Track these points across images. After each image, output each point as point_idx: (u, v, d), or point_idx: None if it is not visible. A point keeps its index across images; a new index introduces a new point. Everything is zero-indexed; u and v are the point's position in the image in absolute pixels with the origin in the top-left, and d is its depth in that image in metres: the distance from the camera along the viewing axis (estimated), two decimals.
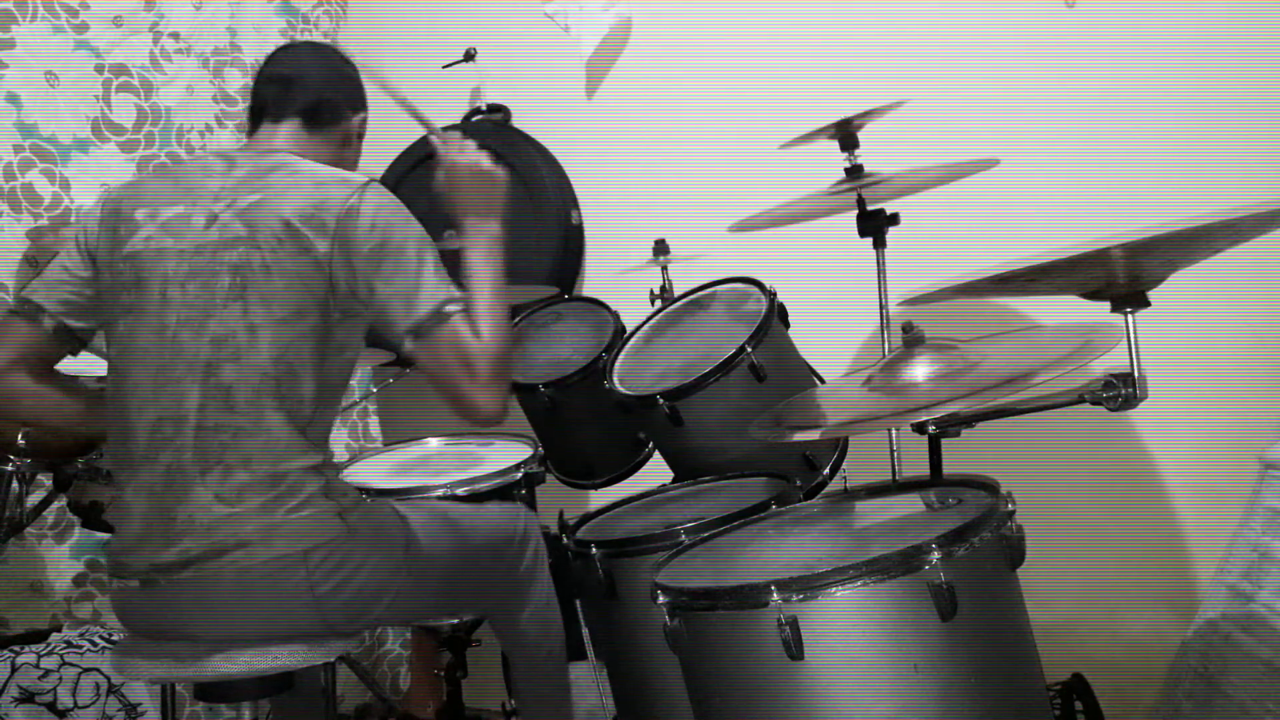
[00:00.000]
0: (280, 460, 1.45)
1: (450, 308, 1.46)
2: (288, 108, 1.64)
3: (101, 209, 1.59)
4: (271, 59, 1.73)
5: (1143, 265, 1.36)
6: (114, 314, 1.54)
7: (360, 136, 1.74)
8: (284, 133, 1.63)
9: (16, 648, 1.97)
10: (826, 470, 2.07)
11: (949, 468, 1.66)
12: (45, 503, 2.06)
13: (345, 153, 1.71)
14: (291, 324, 1.46)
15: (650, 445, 2.32)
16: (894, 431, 1.85)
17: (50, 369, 1.62)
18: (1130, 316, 1.38)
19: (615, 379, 2.12)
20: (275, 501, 1.44)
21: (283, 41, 2.79)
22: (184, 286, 1.48)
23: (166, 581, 1.45)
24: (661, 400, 1.94)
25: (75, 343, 1.61)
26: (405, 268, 1.47)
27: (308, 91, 1.65)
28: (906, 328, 1.58)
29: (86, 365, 1.74)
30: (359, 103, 1.73)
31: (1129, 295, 1.38)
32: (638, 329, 2.26)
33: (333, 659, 1.54)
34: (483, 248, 1.57)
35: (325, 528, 1.46)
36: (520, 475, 2.09)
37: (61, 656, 1.97)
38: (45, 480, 1.97)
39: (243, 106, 1.69)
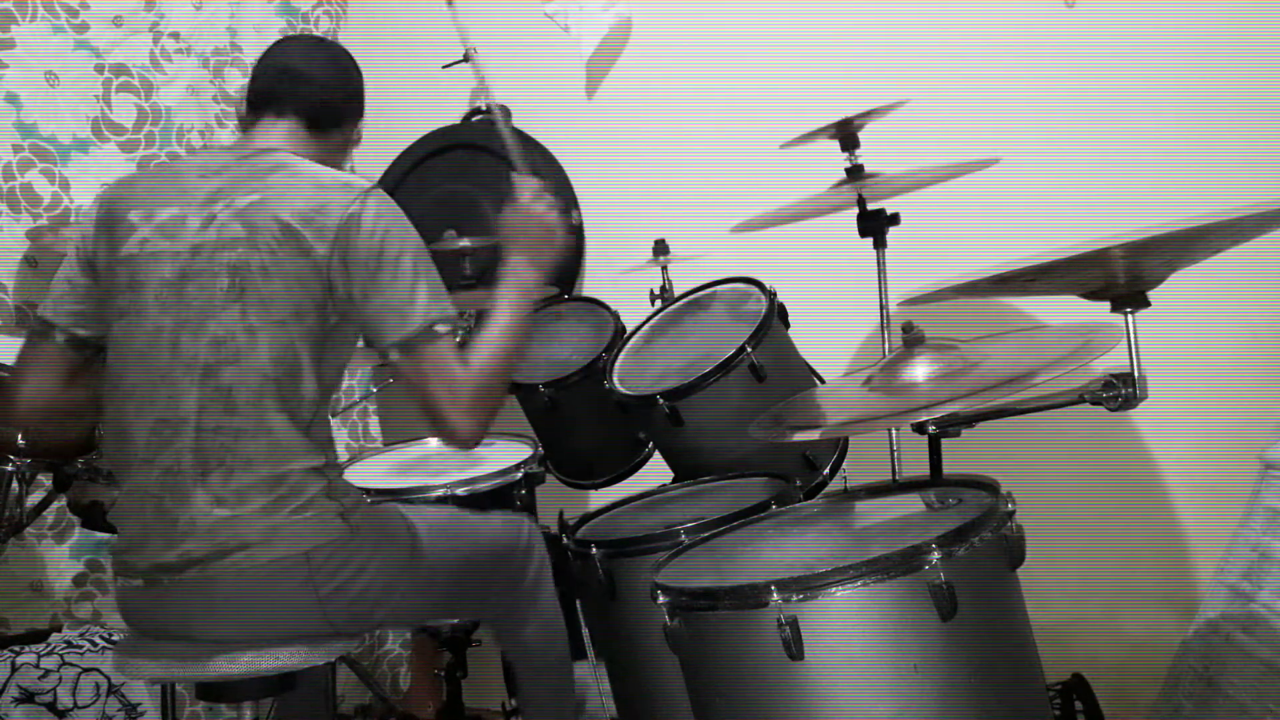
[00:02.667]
0: (282, 461, 1.44)
1: (440, 328, 1.46)
2: (293, 104, 1.62)
3: (97, 211, 1.58)
4: (280, 48, 1.70)
5: (1143, 265, 1.36)
6: (111, 317, 1.53)
7: (356, 144, 1.74)
8: (284, 130, 1.61)
9: (16, 648, 1.97)
10: (826, 470, 2.07)
11: (949, 468, 1.66)
12: (45, 503, 2.06)
13: (338, 157, 1.69)
14: (290, 325, 1.45)
15: (650, 445, 2.32)
16: (894, 431, 1.85)
17: (79, 377, 1.61)
18: (1130, 316, 1.38)
19: (615, 379, 2.12)
20: (277, 503, 1.43)
21: None
22: (180, 288, 1.47)
23: (169, 581, 1.45)
24: (661, 400, 1.94)
25: (92, 349, 1.60)
26: (401, 279, 1.46)
27: (315, 92, 1.63)
28: (906, 328, 1.58)
29: None
30: (360, 110, 1.72)
31: (1129, 295, 1.38)
32: (638, 329, 2.26)
33: (334, 659, 1.54)
34: (514, 291, 1.60)
35: (327, 529, 1.46)
36: (520, 475, 2.10)
37: (61, 656, 1.96)
38: (45, 480, 1.97)
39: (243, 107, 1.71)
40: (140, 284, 1.50)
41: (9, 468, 1.85)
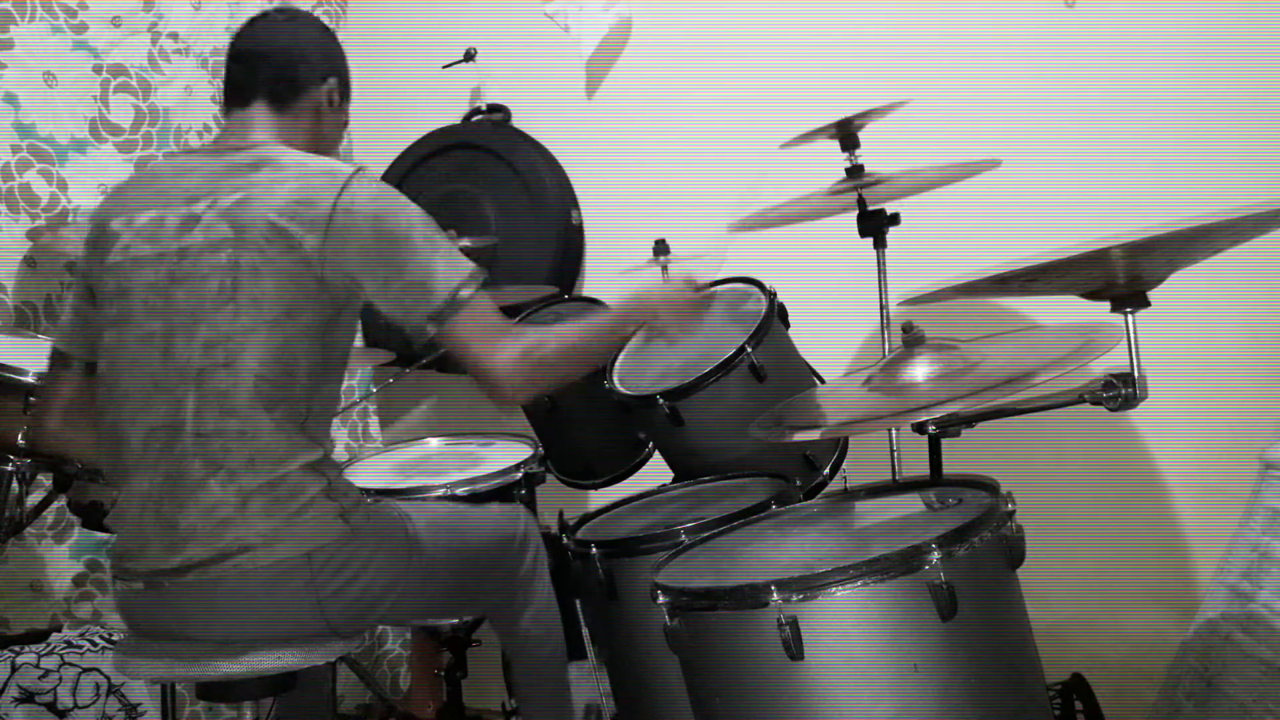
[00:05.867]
0: (282, 461, 1.43)
1: (465, 292, 1.45)
2: (252, 89, 1.60)
3: (89, 232, 1.58)
4: (238, 34, 1.66)
5: (1143, 265, 1.36)
6: (102, 326, 1.53)
7: (334, 104, 1.66)
8: (255, 119, 1.59)
9: (16, 648, 1.97)
10: (826, 470, 2.07)
11: (949, 468, 1.66)
12: (45, 503, 2.05)
13: (320, 126, 1.65)
14: (284, 324, 1.44)
15: (650, 445, 2.32)
16: (894, 431, 1.85)
17: None
18: (1130, 316, 1.38)
19: (615, 379, 2.12)
20: (277, 504, 1.43)
21: None
22: (168, 292, 1.46)
23: (170, 584, 1.45)
24: (661, 400, 1.94)
25: None
26: (417, 255, 1.45)
27: (269, 68, 1.60)
28: (906, 328, 1.58)
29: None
30: (328, 69, 1.65)
31: (1129, 295, 1.38)
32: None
33: (334, 659, 1.54)
34: (635, 308, 1.66)
35: (328, 529, 1.45)
36: (520, 475, 2.10)
37: (61, 656, 1.97)
38: (45, 480, 1.97)
39: None
40: (127, 290, 1.49)
41: (9, 468, 1.84)
